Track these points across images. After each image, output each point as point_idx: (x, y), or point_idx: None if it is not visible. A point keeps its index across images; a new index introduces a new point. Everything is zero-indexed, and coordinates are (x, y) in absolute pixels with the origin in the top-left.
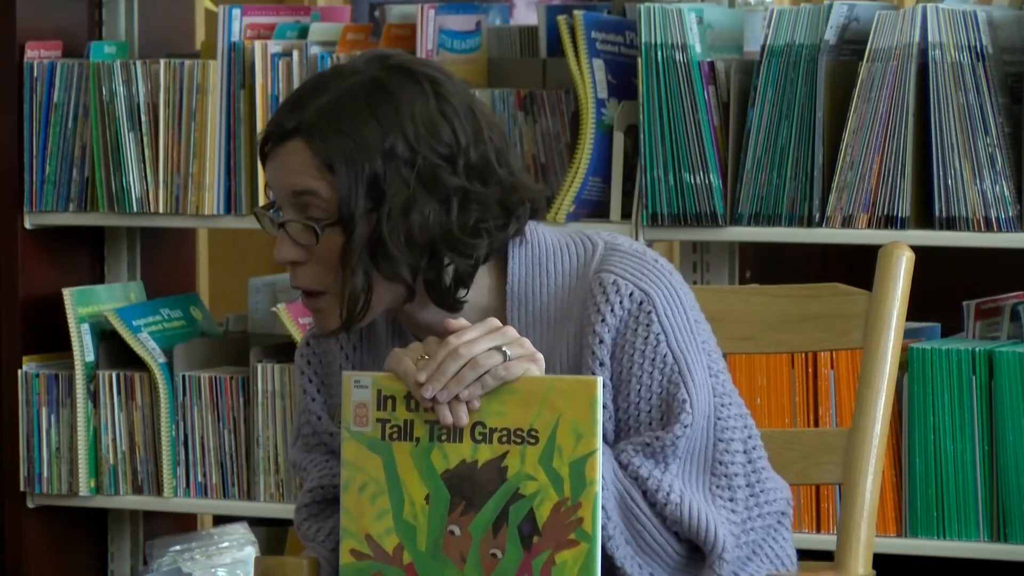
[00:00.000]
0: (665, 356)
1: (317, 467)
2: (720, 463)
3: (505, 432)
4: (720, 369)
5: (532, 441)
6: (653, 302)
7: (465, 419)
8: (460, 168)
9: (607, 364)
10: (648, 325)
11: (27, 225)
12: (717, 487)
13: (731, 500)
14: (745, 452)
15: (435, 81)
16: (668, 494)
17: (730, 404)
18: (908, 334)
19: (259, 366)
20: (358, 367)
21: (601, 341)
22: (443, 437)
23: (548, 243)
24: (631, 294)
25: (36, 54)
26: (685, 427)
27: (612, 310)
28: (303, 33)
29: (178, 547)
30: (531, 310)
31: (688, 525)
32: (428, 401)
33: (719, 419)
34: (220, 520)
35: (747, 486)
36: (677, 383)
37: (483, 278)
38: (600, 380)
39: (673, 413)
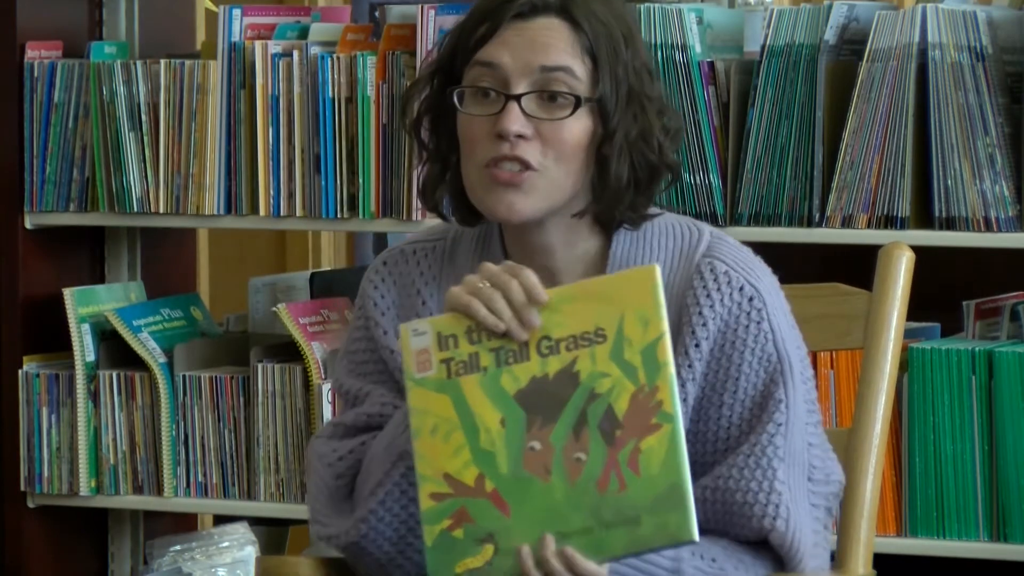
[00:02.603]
0: (771, 356)
1: (379, 397)
2: (814, 467)
3: (571, 339)
4: (809, 377)
5: (600, 340)
6: (764, 299)
7: (537, 321)
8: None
9: (703, 347)
10: (759, 323)
11: (27, 225)
12: (813, 493)
13: (814, 507)
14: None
15: None
16: (774, 519)
17: (814, 411)
18: (908, 334)
19: (259, 366)
20: (436, 291)
21: (704, 324)
22: (510, 360)
23: (653, 221)
24: (742, 288)
25: (36, 54)
26: (779, 425)
27: (722, 299)
28: (303, 33)
29: (178, 547)
30: None
31: (785, 549)
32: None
33: (807, 424)
34: (220, 520)
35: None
36: (777, 382)
37: (588, 239)
38: (657, 267)
39: (767, 411)
